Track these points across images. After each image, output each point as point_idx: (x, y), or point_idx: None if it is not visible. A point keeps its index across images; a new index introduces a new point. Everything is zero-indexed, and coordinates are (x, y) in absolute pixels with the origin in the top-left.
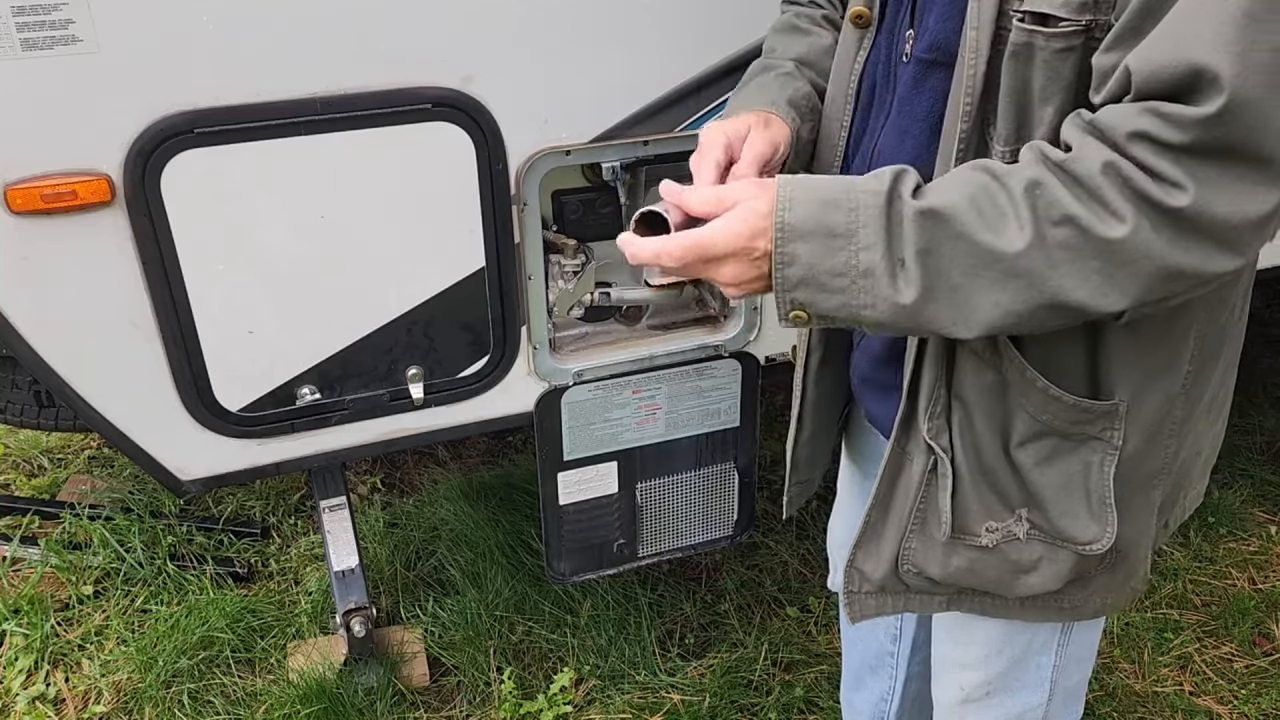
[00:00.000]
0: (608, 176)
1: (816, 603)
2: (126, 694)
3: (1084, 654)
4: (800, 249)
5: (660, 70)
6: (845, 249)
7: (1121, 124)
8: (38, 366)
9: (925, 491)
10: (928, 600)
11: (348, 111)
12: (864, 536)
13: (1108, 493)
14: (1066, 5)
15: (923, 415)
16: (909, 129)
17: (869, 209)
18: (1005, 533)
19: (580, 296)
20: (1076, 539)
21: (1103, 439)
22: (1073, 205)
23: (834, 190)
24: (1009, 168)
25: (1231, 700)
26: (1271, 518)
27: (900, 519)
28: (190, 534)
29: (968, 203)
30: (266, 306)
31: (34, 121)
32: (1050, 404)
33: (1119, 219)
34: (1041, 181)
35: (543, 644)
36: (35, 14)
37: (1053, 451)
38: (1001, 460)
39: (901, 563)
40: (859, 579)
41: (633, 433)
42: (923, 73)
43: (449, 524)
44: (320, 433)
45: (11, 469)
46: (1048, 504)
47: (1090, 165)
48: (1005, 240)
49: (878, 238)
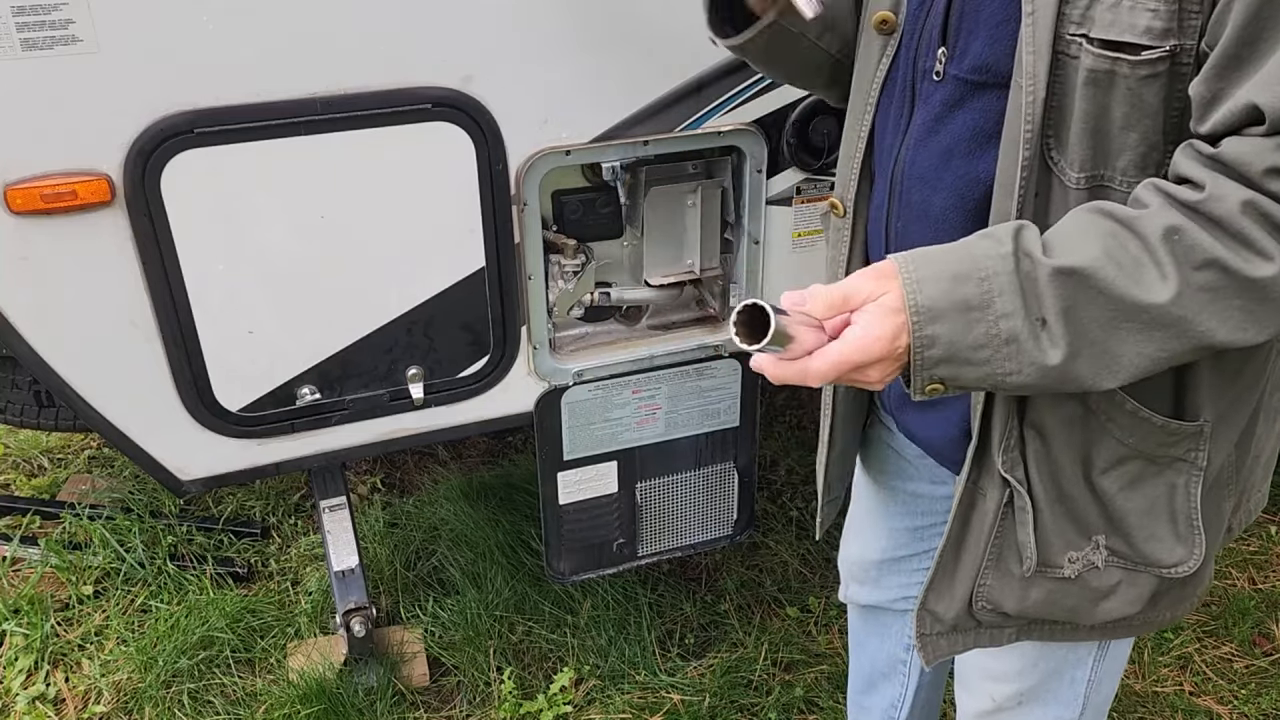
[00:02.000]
0: (608, 176)
1: (816, 603)
2: (126, 694)
3: (1118, 668)
4: (939, 330)
5: (660, 70)
6: (984, 320)
7: (1257, 160)
8: (38, 366)
9: (1001, 526)
10: (998, 634)
11: (348, 111)
12: (936, 578)
13: (1195, 514)
14: (1149, 32)
15: (997, 449)
16: (955, 149)
17: (1000, 275)
18: (1085, 561)
19: (580, 296)
20: (1162, 562)
21: (1188, 460)
22: (1216, 249)
23: (959, 261)
24: (1136, 213)
25: (1231, 700)
26: (1271, 518)
27: (975, 557)
28: (190, 534)
29: (1105, 256)
30: (266, 306)
31: (34, 121)
32: (1139, 426)
33: (1266, 258)
34: (1180, 227)
35: (543, 644)
36: (35, 14)
37: (1138, 475)
38: (1083, 488)
39: (976, 600)
40: (931, 621)
41: (633, 432)
42: (967, 93)
43: (449, 524)
44: (320, 433)
45: (11, 469)
46: (1132, 529)
47: (1230, 205)
48: (1150, 292)
49: (1015, 304)
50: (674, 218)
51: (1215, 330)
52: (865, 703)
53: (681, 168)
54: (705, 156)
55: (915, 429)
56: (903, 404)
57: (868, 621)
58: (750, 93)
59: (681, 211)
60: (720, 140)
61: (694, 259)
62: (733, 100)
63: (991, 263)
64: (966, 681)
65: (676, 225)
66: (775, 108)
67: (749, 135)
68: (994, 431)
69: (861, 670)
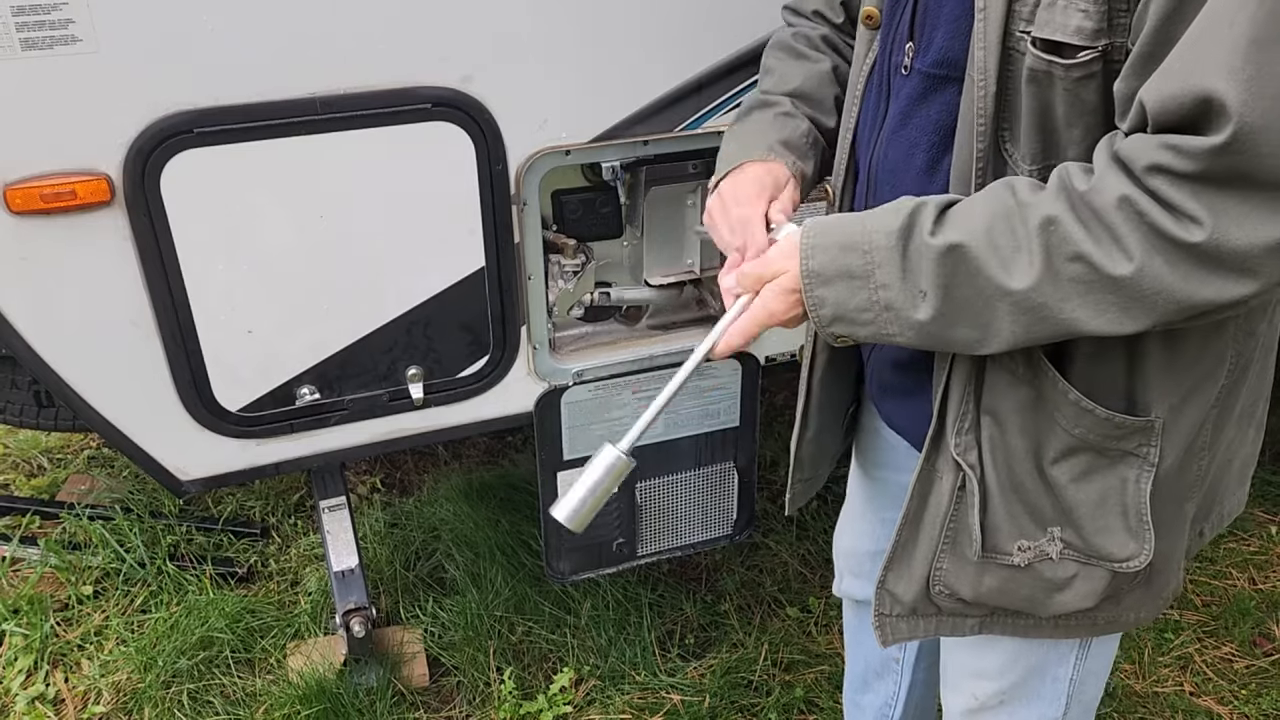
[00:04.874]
0: (608, 176)
1: (816, 603)
2: (126, 694)
3: (1101, 668)
4: (826, 293)
5: (660, 70)
6: (865, 288)
7: (1140, 156)
8: (37, 366)
9: (955, 510)
10: (960, 623)
11: (347, 111)
12: (894, 557)
13: (1145, 509)
14: (1080, 32)
15: (951, 431)
16: (919, 141)
17: (882, 249)
18: (1038, 551)
19: (580, 296)
20: (1113, 556)
21: (1139, 455)
22: (1085, 243)
23: (853, 233)
24: (1034, 197)
25: (1232, 700)
26: (1271, 518)
27: (931, 538)
28: (190, 534)
29: (984, 236)
30: (266, 306)
31: (34, 121)
32: (1083, 417)
33: (1127, 257)
34: (1057, 218)
35: (543, 644)
36: (35, 14)
37: (1088, 468)
38: (1035, 477)
39: (933, 584)
40: (890, 601)
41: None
42: (930, 86)
43: (449, 524)
44: (320, 433)
45: (11, 469)
46: (1083, 521)
47: (1107, 198)
48: (1014, 277)
49: (894, 277)
50: (674, 218)
51: (1085, 320)
52: (861, 701)
53: (681, 168)
54: (705, 156)
55: (894, 416)
56: (883, 392)
57: (862, 618)
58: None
59: (681, 211)
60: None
61: (694, 259)
62: (733, 100)
63: (879, 236)
64: (950, 680)
65: (676, 225)
66: None
67: None
68: (949, 414)
69: (856, 668)
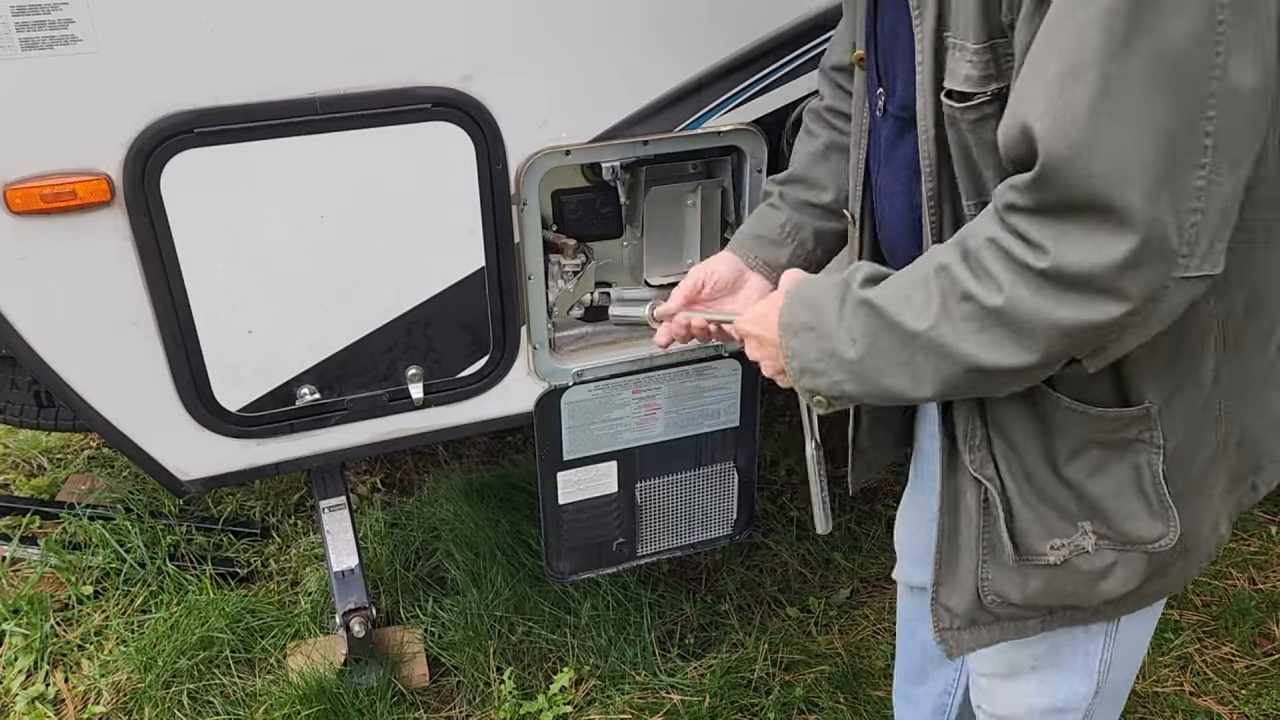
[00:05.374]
0: (608, 176)
1: (816, 603)
2: (126, 694)
3: (1133, 651)
4: (795, 344)
5: (660, 70)
6: (818, 339)
7: (999, 197)
8: (37, 366)
9: (985, 521)
10: (1022, 626)
11: (347, 111)
12: (941, 572)
13: (1163, 490)
14: (969, 80)
15: (964, 448)
16: (899, 177)
17: (828, 305)
18: (1073, 547)
19: (580, 296)
20: (1144, 539)
21: (1144, 440)
22: (969, 282)
23: (816, 289)
24: (940, 249)
25: (1232, 700)
26: (1272, 518)
27: (970, 551)
28: (190, 534)
29: (899, 287)
30: (266, 306)
31: (34, 121)
32: (1080, 419)
33: (998, 288)
34: (948, 264)
35: (543, 644)
36: (35, 14)
37: (1100, 461)
38: (1052, 479)
39: (983, 594)
40: (947, 615)
41: (632, 432)
42: (902, 128)
43: (449, 524)
44: (320, 433)
45: (11, 469)
46: (1108, 511)
47: (980, 239)
48: (919, 320)
49: (834, 328)
50: (674, 218)
51: (983, 356)
52: (915, 694)
53: (681, 168)
54: (705, 156)
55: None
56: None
57: (917, 606)
58: (750, 93)
59: (681, 211)
60: (720, 140)
61: (694, 259)
62: (733, 100)
63: (826, 293)
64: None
65: (676, 225)
66: (775, 108)
67: (749, 135)
68: (958, 432)
69: (912, 658)
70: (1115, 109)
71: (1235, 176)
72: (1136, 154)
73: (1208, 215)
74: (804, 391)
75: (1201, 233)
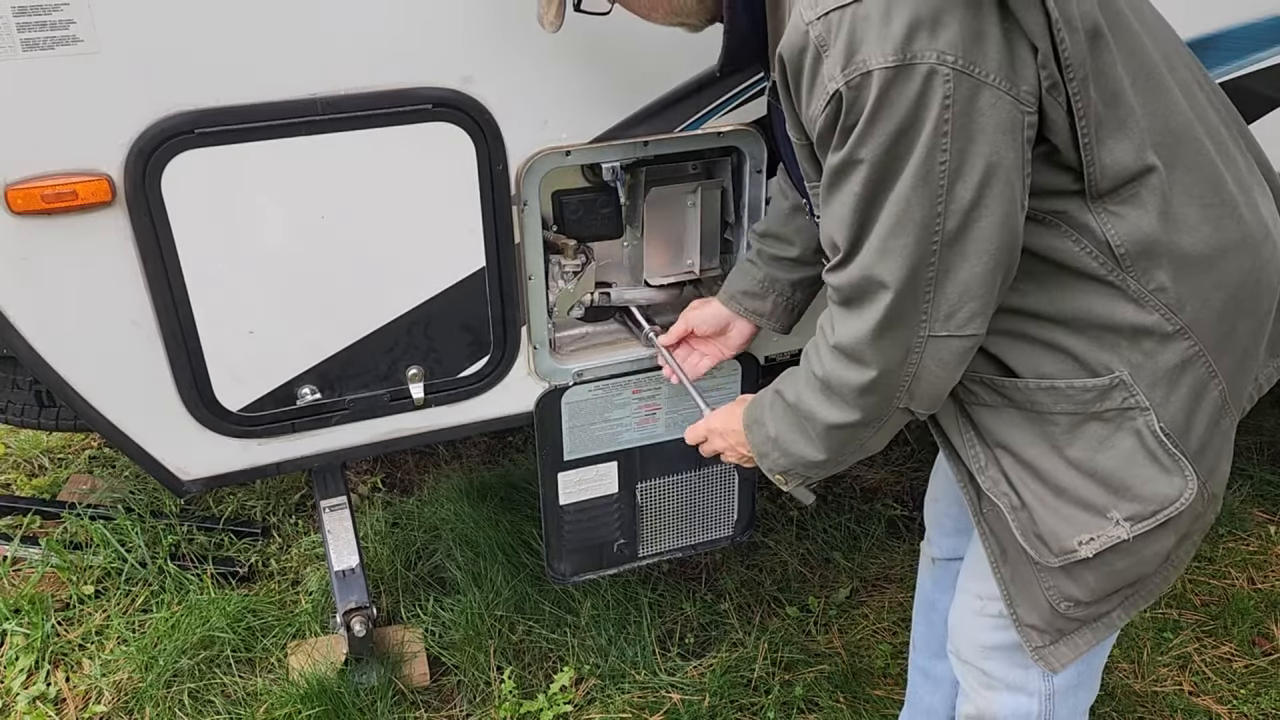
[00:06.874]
0: (608, 176)
1: (816, 602)
2: (127, 694)
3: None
4: (753, 436)
5: (660, 70)
6: (762, 429)
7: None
8: (38, 366)
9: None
10: (1109, 620)
11: (348, 112)
12: (1011, 594)
13: (1168, 445)
14: (807, 177)
15: (979, 475)
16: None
17: (763, 400)
18: (1105, 538)
19: (580, 296)
20: (1169, 499)
21: (1132, 406)
22: (809, 363)
23: (759, 396)
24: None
25: (1231, 700)
26: (1271, 517)
27: (1025, 565)
28: (191, 534)
29: (793, 379)
30: (267, 306)
31: (34, 121)
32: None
33: (813, 370)
34: (812, 341)
35: (543, 644)
36: (35, 14)
37: (1100, 436)
38: (1064, 469)
39: (1054, 602)
40: (1035, 634)
41: (633, 433)
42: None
43: (449, 524)
44: (321, 433)
45: (12, 469)
46: (1128, 481)
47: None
48: (794, 395)
49: (765, 419)
50: (674, 218)
51: (825, 414)
52: (936, 670)
53: (681, 168)
54: (705, 157)
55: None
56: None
57: (939, 579)
58: (750, 93)
59: (681, 211)
60: (720, 140)
61: (694, 259)
62: (732, 101)
63: (763, 397)
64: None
65: (676, 225)
66: None
67: (749, 135)
68: (967, 463)
69: (934, 633)
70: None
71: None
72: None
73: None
74: (767, 472)
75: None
